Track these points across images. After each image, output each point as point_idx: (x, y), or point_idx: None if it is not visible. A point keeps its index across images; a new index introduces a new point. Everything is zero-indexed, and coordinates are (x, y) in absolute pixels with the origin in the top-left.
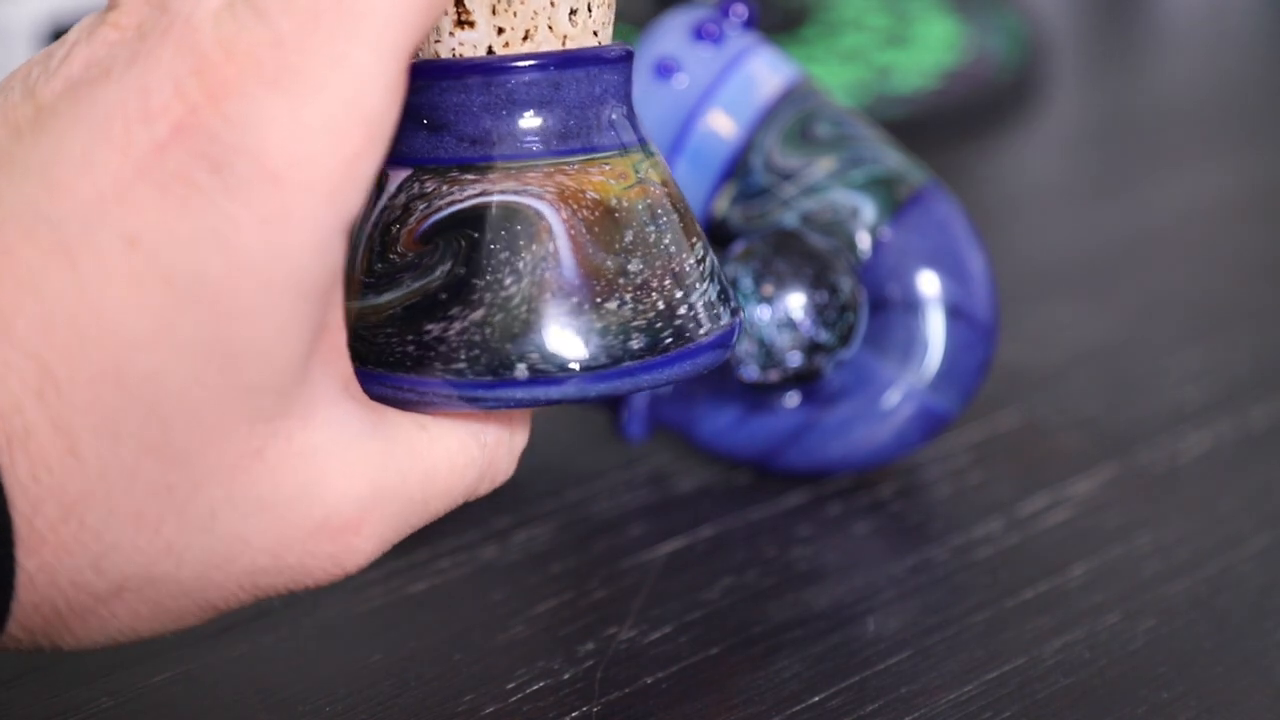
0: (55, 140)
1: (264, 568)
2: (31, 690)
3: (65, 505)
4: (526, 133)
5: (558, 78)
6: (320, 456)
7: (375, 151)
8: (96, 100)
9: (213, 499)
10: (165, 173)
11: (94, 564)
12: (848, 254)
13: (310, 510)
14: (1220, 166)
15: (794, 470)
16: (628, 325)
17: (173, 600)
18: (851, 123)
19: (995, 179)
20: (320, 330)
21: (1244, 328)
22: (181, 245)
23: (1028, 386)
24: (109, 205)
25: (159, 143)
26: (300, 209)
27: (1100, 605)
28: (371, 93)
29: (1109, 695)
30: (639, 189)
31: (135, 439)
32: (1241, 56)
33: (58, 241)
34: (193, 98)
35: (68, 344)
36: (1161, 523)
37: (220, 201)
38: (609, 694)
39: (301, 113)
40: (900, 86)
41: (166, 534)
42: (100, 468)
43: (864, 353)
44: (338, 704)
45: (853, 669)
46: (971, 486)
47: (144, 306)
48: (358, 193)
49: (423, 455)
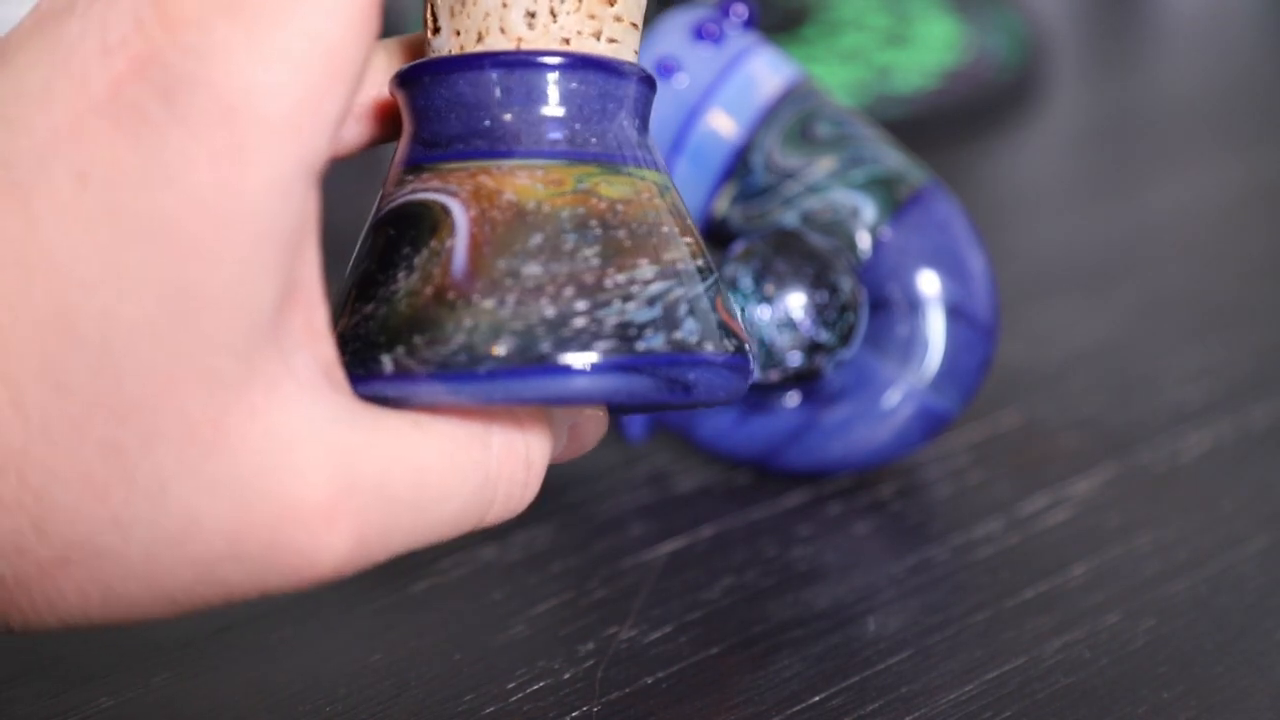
0: (16, 76)
1: (220, 554)
2: (31, 690)
3: (4, 460)
4: (462, 136)
5: (492, 79)
6: (287, 437)
7: (338, 89)
8: (59, 34)
9: (163, 468)
10: (119, 105)
11: (35, 525)
12: (848, 254)
13: (271, 494)
14: (1220, 166)
15: (794, 470)
16: (500, 326)
17: (122, 583)
18: (852, 122)
19: (995, 179)
20: (288, 289)
21: (1244, 328)
22: (131, 180)
23: (1028, 386)
24: (63, 141)
25: (115, 76)
26: (256, 144)
27: (1100, 605)
28: (333, 26)
29: (1109, 695)
30: (573, 198)
31: (83, 391)
32: (1241, 56)
33: (11, 180)
34: (150, 29)
35: (14, 285)
36: (1161, 523)
37: (172, 133)
38: (609, 694)
39: (259, 42)
40: (900, 86)
41: (113, 503)
42: (44, 421)
43: (864, 353)
44: (338, 704)
45: (853, 669)
46: (971, 486)
47: (93, 244)
48: (320, 132)
49: (413, 451)
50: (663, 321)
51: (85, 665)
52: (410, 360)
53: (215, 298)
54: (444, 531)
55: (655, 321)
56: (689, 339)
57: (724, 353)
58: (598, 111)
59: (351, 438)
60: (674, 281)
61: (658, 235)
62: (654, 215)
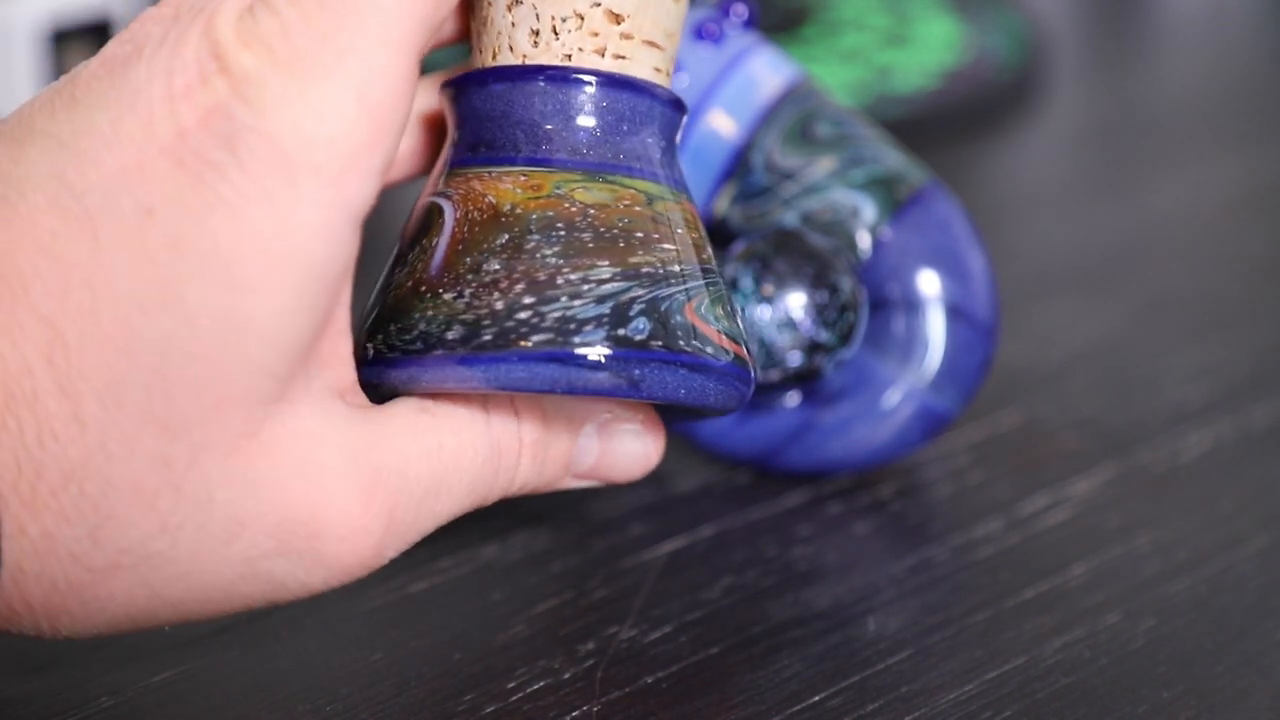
0: (86, 114)
1: (266, 551)
2: (31, 690)
3: (66, 472)
4: (472, 144)
5: (494, 92)
6: (315, 438)
7: (383, 143)
8: (127, 78)
9: (209, 476)
10: (184, 149)
11: (91, 534)
12: (848, 254)
13: (309, 490)
14: (1220, 166)
15: (794, 470)
16: (454, 316)
17: (169, 585)
18: (852, 122)
19: (995, 179)
20: (325, 322)
21: (1244, 328)
22: (194, 216)
23: (1028, 386)
24: (131, 177)
25: (180, 121)
26: (307, 190)
27: (1100, 605)
28: (378, 83)
29: (1109, 695)
30: (545, 202)
31: (138, 407)
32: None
33: (81, 210)
34: (213, 80)
35: (80, 308)
36: (1161, 523)
37: (233, 176)
38: (609, 693)
39: (310, 96)
40: (900, 86)
41: (162, 508)
42: (101, 435)
43: (864, 353)
44: (338, 704)
45: (853, 669)
46: (971, 486)
47: (156, 273)
48: (366, 181)
49: (422, 435)
50: (608, 318)
51: (85, 665)
52: (384, 347)
53: (263, 328)
54: (462, 503)
55: (599, 318)
56: (633, 336)
57: (684, 353)
58: (597, 123)
59: (365, 432)
60: (634, 283)
61: (628, 239)
62: (628, 221)
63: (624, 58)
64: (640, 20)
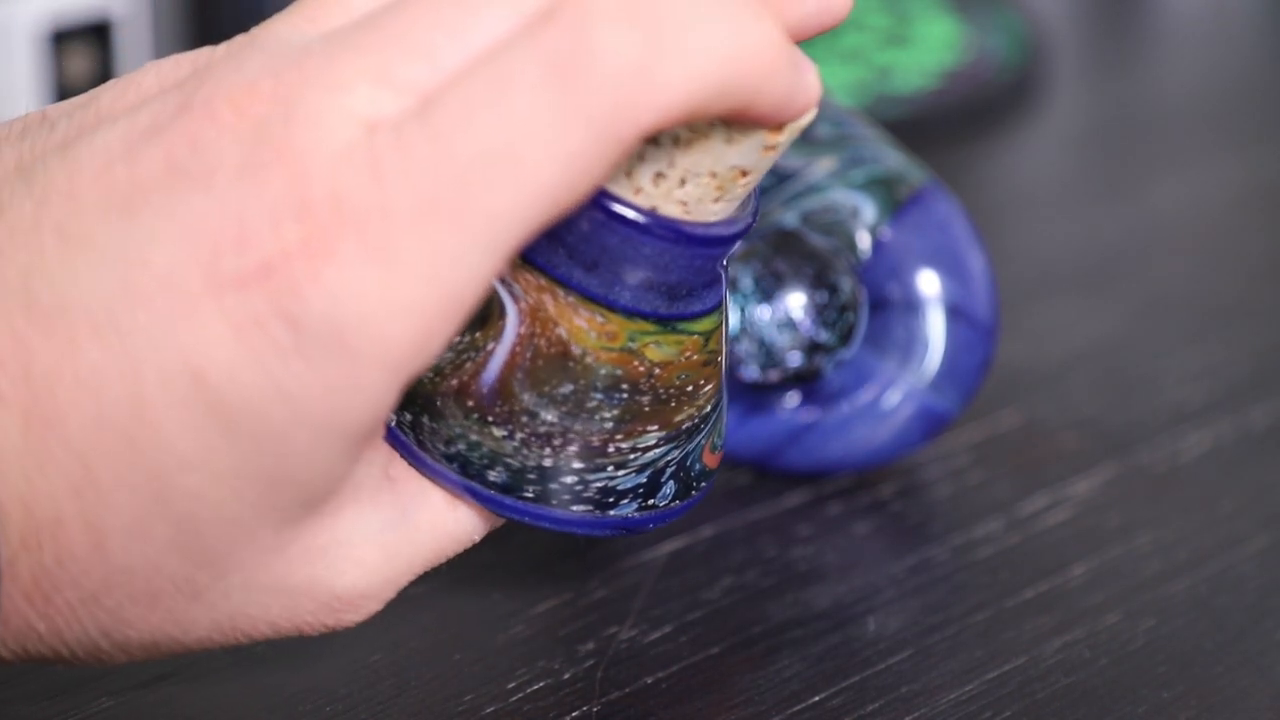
0: (143, 238)
1: (262, 633)
2: (31, 690)
3: (84, 590)
4: (549, 242)
5: (596, 216)
6: (338, 551)
7: (448, 331)
8: (193, 207)
9: (230, 589)
10: (244, 314)
11: (103, 632)
12: (848, 254)
13: (316, 596)
14: (1220, 166)
15: (794, 470)
16: (499, 456)
17: (170, 648)
18: (851, 122)
19: (995, 179)
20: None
21: (1244, 328)
22: (246, 391)
23: (1028, 386)
24: (180, 328)
25: (244, 279)
26: (368, 381)
27: (1100, 605)
28: (467, 286)
29: (1109, 695)
30: (617, 355)
31: (164, 542)
32: (1242, 56)
33: (124, 352)
34: (288, 243)
35: (116, 451)
36: (1161, 523)
37: (292, 361)
38: (609, 694)
39: (392, 293)
40: (900, 86)
41: (178, 614)
42: (125, 563)
43: (864, 353)
44: (338, 704)
45: (853, 669)
46: (971, 486)
47: (198, 436)
48: (422, 364)
49: (443, 536)
50: (643, 489)
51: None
52: (414, 431)
53: (303, 483)
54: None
55: (636, 489)
56: (659, 503)
57: (690, 501)
58: (685, 274)
59: (395, 538)
60: (673, 444)
61: (679, 397)
62: (684, 376)
63: (734, 200)
64: (762, 168)
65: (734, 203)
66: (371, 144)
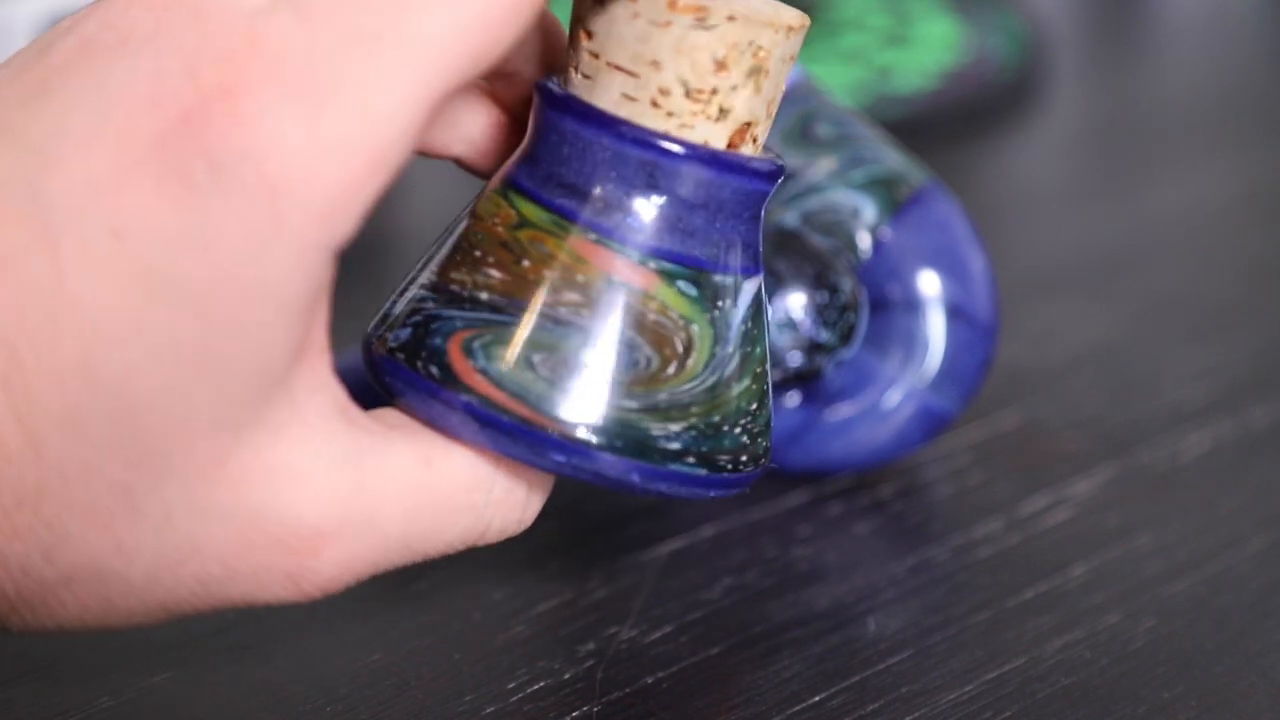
0: (59, 111)
1: (215, 575)
2: (31, 690)
3: (20, 495)
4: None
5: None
6: (286, 475)
7: (377, 181)
8: (109, 73)
9: (169, 502)
10: (163, 165)
11: (44, 553)
12: (848, 254)
13: (265, 526)
14: (1221, 166)
15: (794, 470)
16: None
17: (121, 598)
18: (852, 122)
19: (995, 179)
20: (300, 348)
21: (1244, 328)
22: (167, 244)
23: (1028, 386)
24: (101, 192)
25: (162, 132)
26: (291, 225)
27: (1100, 605)
28: (394, 125)
29: (1109, 695)
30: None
31: (98, 436)
32: (1242, 56)
33: (44, 224)
34: (207, 87)
35: (40, 332)
36: (1161, 523)
37: (213, 204)
38: (609, 694)
39: (316, 128)
40: (900, 86)
41: (118, 531)
42: (59, 462)
43: (864, 353)
44: (338, 704)
45: (853, 669)
46: (972, 486)
47: (122, 302)
48: (351, 219)
49: (411, 491)
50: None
51: (85, 665)
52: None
53: (233, 359)
54: (430, 556)
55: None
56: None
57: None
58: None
59: (350, 476)
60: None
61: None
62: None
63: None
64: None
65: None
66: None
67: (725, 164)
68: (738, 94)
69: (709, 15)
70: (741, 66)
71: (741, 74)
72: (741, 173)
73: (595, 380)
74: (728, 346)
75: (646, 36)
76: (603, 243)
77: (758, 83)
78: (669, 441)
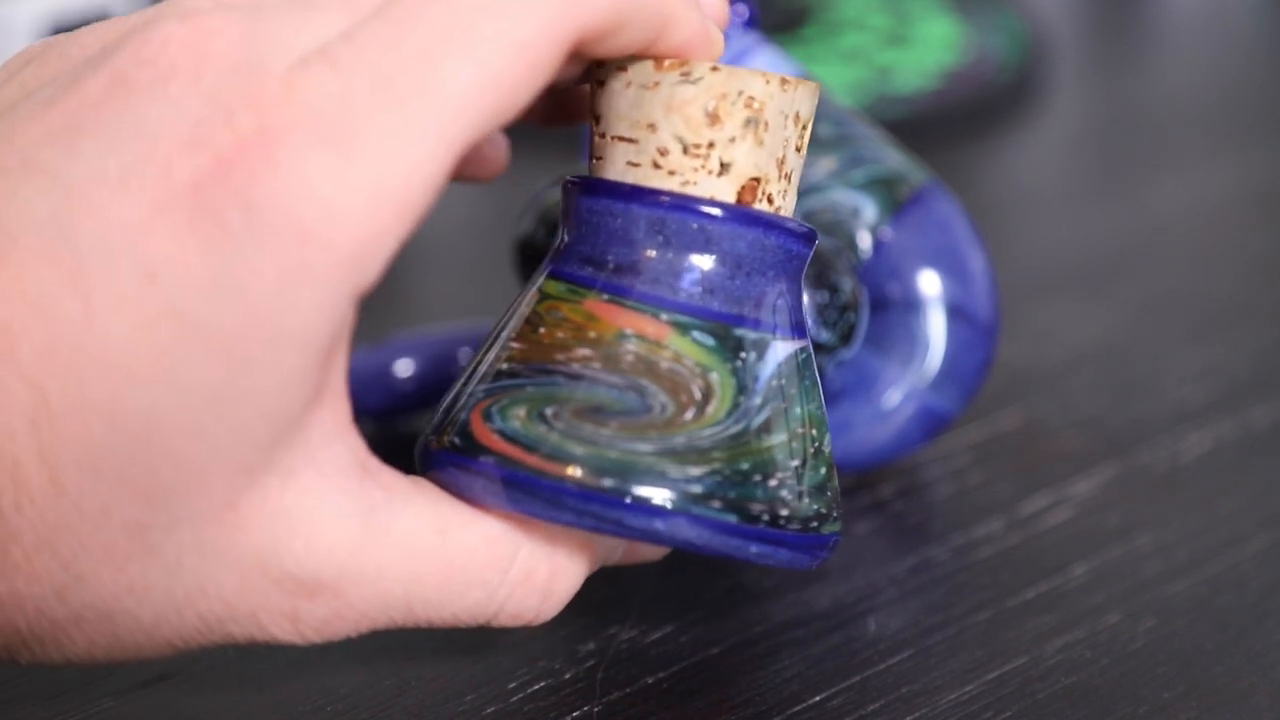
0: (93, 150)
1: (219, 615)
2: (32, 690)
3: (40, 537)
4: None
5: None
6: (290, 520)
7: (402, 230)
8: (145, 113)
9: (182, 544)
10: (197, 208)
11: (59, 593)
12: (848, 254)
13: (267, 570)
14: (1221, 167)
15: None
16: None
17: (129, 635)
18: (852, 122)
19: (995, 179)
20: (319, 393)
21: (1244, 328)
22: (198, 286)
23: (1028, 386)
24: (135, 234)
25: (198, 175)
26: (319, 270)
27: (1101, 605)
28: (420, 174)
29: (1110, 695)
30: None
31: (117, 475)
32: (1242, 56)
33: (77, 266)
34: (244, 132)
35: (68, 373)
36: (1162, 523)
37: (245, 248)
38: (610, 694)
39: (348, 175)
40: (900, 86)
41: (131, 573)
42: (78, 501)
43: (864, 353)
44: (338, 704)
45: (853, 669)
46: (972, 486)
47: (151, 343)
48: (377, 266)
49: (419, 559)
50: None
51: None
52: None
53: (255, 402)
54: (434, 624)
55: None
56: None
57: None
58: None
59: (358, 530)
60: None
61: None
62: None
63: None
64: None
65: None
66: (326, 47)
67: (739, 216)
68: (736, 147)
69: (693, 69)
70: (735, 118)
71: (737, 125)
72: (744, 221)
73: (606, 426)
74: (754, 398)
75: (639, 101)
76: (616, 301)
77: (757, 135)
78: (690, 485)
